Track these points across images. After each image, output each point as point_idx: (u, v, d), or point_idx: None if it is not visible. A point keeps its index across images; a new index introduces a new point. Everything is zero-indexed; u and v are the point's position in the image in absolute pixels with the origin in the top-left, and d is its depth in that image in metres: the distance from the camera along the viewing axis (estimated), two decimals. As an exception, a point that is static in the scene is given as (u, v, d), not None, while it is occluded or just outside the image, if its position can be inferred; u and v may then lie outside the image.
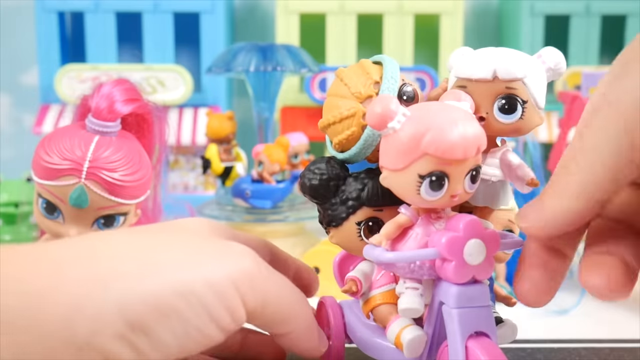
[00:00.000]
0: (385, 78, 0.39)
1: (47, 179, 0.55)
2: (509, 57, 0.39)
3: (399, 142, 0.34)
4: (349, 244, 0.40)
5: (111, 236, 0.33)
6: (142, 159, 0.59)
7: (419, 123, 0.34)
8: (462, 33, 1.09)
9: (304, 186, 0.40)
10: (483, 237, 0.36)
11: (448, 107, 0.36)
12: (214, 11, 1.08)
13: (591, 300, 0.71)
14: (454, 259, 0.35)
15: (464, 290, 0.36)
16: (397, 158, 0.34)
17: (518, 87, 0.38)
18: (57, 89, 1.04)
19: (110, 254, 0.30)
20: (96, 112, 0.57)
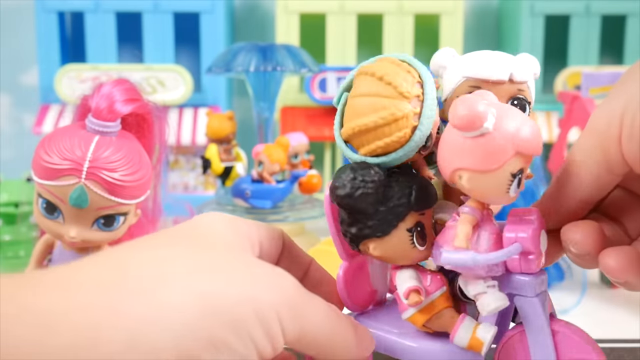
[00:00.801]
0: (426, 78, 0.38)
1: (47, 179, 0.55)
2: (518, 60, 0.40)
3: (493, 143, 0.34)
4: (399, 252, 0.37)
5: (151, 261, 0.30)
6: (142, 159, 0.59)
7: (510, 122, 0.34)
8: (462, 33, 1.09)
9: (350, 196, 0.35)
10: (545, 227, 0.37)
11: (511, 107, 0.36)
12: (214, 11, 1.08)
13: (591, 300, 0.71)
14: (534, 250, 0.36)
15: (537, 278, 0.37)
16: (491, 158, 0.34)
17: (525, 90, 0.39)
18: (57, 89, 1.04)
19: (158, 284, 0.29)
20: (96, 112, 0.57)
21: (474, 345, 0.37)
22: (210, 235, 0.34)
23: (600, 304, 0.71)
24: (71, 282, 0.28)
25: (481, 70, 0.39)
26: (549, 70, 1.14)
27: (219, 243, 0.34)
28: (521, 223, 0.36)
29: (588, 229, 0.36)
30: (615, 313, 0.68)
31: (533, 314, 0.37)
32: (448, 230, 0.37)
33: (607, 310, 0.69)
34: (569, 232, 0.36)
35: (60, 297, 0.27)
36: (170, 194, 1.07)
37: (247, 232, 0.36)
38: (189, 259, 0.31)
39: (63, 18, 1.12)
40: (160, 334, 0.27)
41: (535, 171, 0.78)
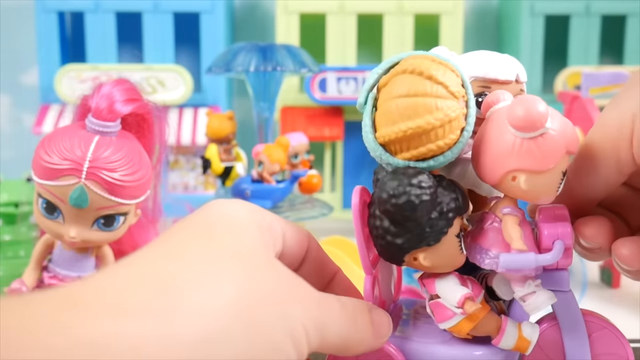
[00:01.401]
0: (466, 76, 0.36)
1: (47, 179, 0.55)
2: (515, 60, 0.40)
3: (552, 142, 0.33)
4: (449, 259, 0.36)
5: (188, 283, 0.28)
6: (142, 159, 0.59)
7: (559, 122, 0.34)
8: (462, 33, 1.09)
9: (411, 205, 0.33)
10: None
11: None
12: (214, 11, 1.08)
13: (591, 300, 0.71)
14: (572, 245, 0.36)
15: (568, 274, 0.38)
16: (548, 158, 0.33)
17: (524, 89, 0.40)
18: (57, 89, 1.04)
19: (202, 308, 0.27)
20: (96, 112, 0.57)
21: (521, 346, 0.37)
22: (235, 233, 0.32)
23: (600, 304, 0.71)
24: (120, 307, 0.26)
25: (490, 70, 0.39)
26: (549, 70, 1.14)
27: (243, 246, 0.32)
28: (557, 219, 0.36)
29: (600, 224, 0.37)
30: (615, 313, 0.68)
31: (568, 308, 0.38)
32: (490, 232, 0.36)
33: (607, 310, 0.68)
34: (582, 227, 0.38)
35: (110, 326, 0.25)
36: (170, 194, 1.07)
37: (271, 226, 0.35)
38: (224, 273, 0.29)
39: (63, 18, 1.12)
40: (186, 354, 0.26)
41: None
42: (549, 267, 0.36)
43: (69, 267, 0.60)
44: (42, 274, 0.61)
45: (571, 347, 0.39)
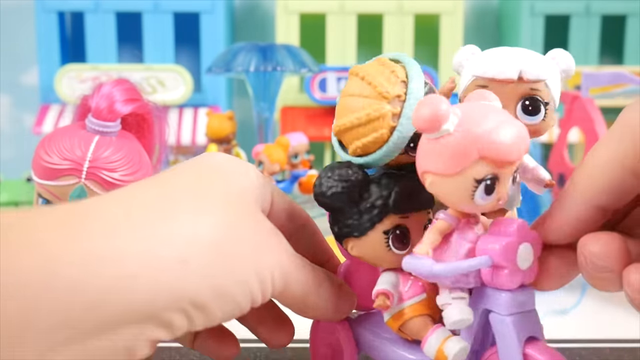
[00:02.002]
0: (412, 78, 0.36)
1: (47, 179, 0.55)
2: (532, 58, 0.39)
3: (453, 145, 0.32)
4: (374, 254, 0.37)
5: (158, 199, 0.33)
6: (142, 159, 0.59)
7: (474, 124, 0.32)
8: (462, 33, 1.10)
9: (323, 195, 0.35)
10: (532, 241, 0.35)
11: (490, 107, 0.35)
12: (214, 11, 1.08)
13: (591, 300, 0.71)
14: (507, 265, 0.34)
15: (515, 296, 0.35)
16: (451, 162, 0.32)
17: (541, 89, 0.38)
18: (57, 89, 1.04)
19: (180, 234, 0.31)
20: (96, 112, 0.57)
21: (439, 358, 0.35)
22: (225, 179, 0.35)
23: (600, 304, 0.71)
24: (109, 226, 0.30)
25: (489, 69, 0.38)
26: (549, 70, 1.14)
27: (231, 191, 0.35)
28: (498, 234, 0.34)
29: (609, 240, 0.32)
30: (615, 313, 0.68)
31: (503, 335, 0.35)
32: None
33: (607, 310, 0.69)
34: (587, 243, 0.32)
35: (100, 242, 0.29)
36: (170, 194, 1.06)
37: (263, 185, 0.37)
38: (201, 205, 0.33)
39: (63, 18, 1.12)
40: (164, 273, 0.29)
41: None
42: (488, 284, 0.35)
43: (69, 267, 0.60)
44: (42, 274, 0.61)
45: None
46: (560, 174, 0.89)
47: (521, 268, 0.34)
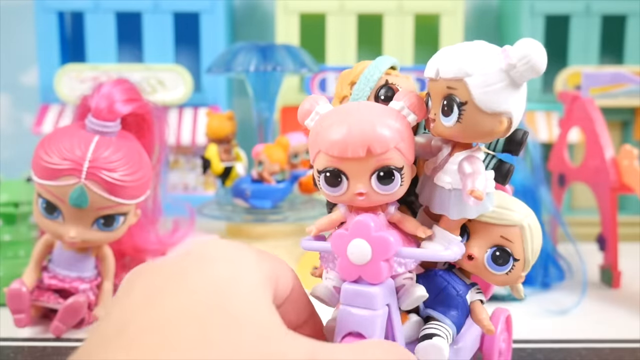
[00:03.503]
0: (359, 80, 0.40)
1: (47, 179, 0.55)
2: (456, 54, 0.36)
3: (308, 138, 0.38)
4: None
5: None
6: (142, 159, 0.59)
7: (320, 122, 0.37)
8: (462, 33, 1.09)
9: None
10: (369, 239, 0.37)
11: (361, 106, 0.37)
12: (214, 11, 1.08)
13: (591, 300, 0.71)
14: (340, 256, 0.37)
15: (351, 289, 0.37)
16: (310, 152, 0.38)
17: (458, 87, 0.36)
18: (57, 89, 1.04)
19: None
20: (96, 112, 0.57)
21: None
22: (234, 325, 0.29)
23: (600, 304, 0.71)
24: None
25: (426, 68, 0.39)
26: (549, 70, 1.13)
27: (242, 341, 0.29)
28: (346, 228, 0.38)
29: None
30: (615, 313, 0.68)
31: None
32: None
33: (607, 310, 0.69)
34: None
35: None
36: (170, 194, 1.07)
37: (270, 276, 0.33)
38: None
39: (63, 18, 1.12)
40: None
41: (536, 171, 0.78)
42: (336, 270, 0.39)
43: (69, 267, 0.60)
44: (42, 274, 0.61)
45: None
46: (560, 174, 0.89)
47: (354, 262, 0.37)
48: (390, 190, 0.37)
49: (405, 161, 0.37)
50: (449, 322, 0.40)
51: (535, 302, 0.70)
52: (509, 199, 0.41)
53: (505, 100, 0.35)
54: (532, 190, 0.77)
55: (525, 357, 0.55)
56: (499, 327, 0.45)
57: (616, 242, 0.78)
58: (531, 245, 0.40)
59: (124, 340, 0.27)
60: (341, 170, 0.36)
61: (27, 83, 1.25)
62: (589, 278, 0.77)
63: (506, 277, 0.40)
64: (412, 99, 0.38)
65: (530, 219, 0.41)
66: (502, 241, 0.40)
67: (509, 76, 0.35)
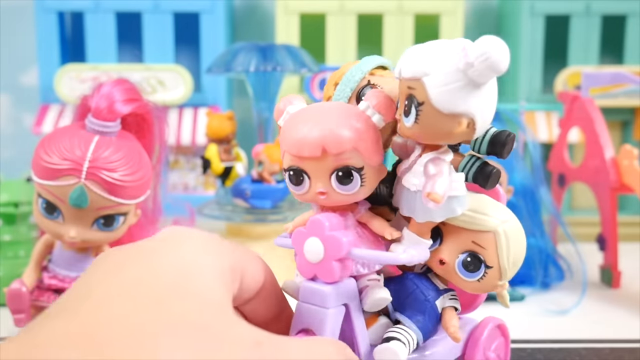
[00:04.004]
0: (341, 80, 0.40)
1: (47, 179, 0.55)
2: (416, 53, 0.35)
3: (279, 137, 0.39)
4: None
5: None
6: (142, 159, 0.59)
7: (287, 121, 0.38)
8: (462, 33, 1.09)
9: None
10: (323, 238, 0.37)
11: (327, 106, 0.38)
12: (214, 11, 1.08)
13: (591, 300, 0.71)
14: (298, 253, 0.38)
15: (307, 286, 0.38)
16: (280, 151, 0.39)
17: (417, 87, 0.35)
18: (57, 89, 1.04)
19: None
20: (96, 112, 0.57)
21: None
22: (189, 300, 0.30)
23: (600, 304, 0.71)
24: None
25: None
26: (549, 70, 1.14)
27: (197, 317, 0.30)
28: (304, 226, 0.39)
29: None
30: (615, 313, 0.68)
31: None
32: None
33: (607, 310, 0.69)
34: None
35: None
36: (170, 194, 1.07)
37: (233, 267, 0.34)
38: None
39: (63, 18, 1.12)
40: None
41: (536, 171, 0.78)
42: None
43: (69, 267, 0.60)
44: (42, 274, 0.61)
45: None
46: (560, 174, 0.89)
47: (309, 260, 0.37)
48: (350, 191, 0.37)
49: (367, 161, 0.37)
50: (414, 327, 0.39)
51: (535, 302, 0.70)
52: (488, 204, 0.39)
53: (464, 101, 0.34)
54: (532, 190, 0.77)
55: (525, 357, 0.55)
56: (484, 335, 0.43)
57: (616, 242, 0.78)
58: (507, 252, 0.38)
59: (82, 308, 0.28)
60: (303, 169, 0.37)
61: (27, 83, 1.25)
62: (589, 278, 0.77)
63: (478, 285, 0.39)
64: (378, 99, 0.38)
65: (508, 225, 0.38)
66: (473, 247, 0.38)
67: (467, 75, 0.33)
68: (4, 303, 0.61)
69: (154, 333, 0.27)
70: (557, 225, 0.86)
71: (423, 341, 0.40)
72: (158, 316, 0.28)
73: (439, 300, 0.40)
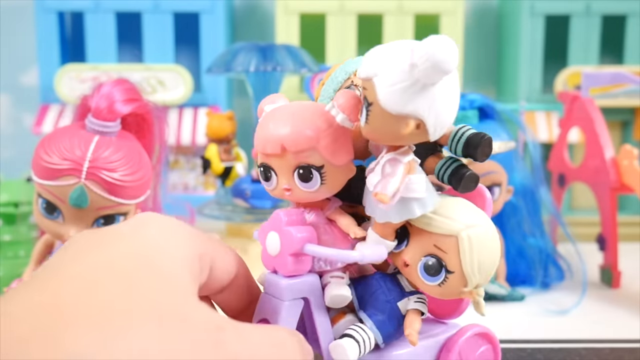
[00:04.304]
0: (327, 81, 0.41)
1: (47, 179, 0.55)
2: (371, 53, 0.35)
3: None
4: None
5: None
6: (142, 159, 0.59)
7: (261, 119, 0.39)
8: (462, 33, 1.09)
9: None
10: (280, 233, 0.38)
11: (295, 106, 0.39)
12: (214, 11, 1.08)
13: (591, 300, 0.71)
14: (262, 246, 0.40)
15: (269, 277, 0.39)
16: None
17: (368, 88, 0.35)
18: (57, 89, 1.04)
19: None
20: (96, 112, 0.57)
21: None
22: (155, 282, 0.31)
23: (600, 304, 0.71)
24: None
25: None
26: (549, 70, 1.14)
27: (168, 286, 0.31)
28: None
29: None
30: (615, 313, 0.68)
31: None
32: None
33: (607, 310, 0.69)
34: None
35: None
36: (170, 194, 1.07)
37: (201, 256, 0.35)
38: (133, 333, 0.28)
39: (63, 18, 1.12)
40: None
41: (536, 171, 0.78)
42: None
43: (69, 267, 0.60)
44: (42, 274, 0.61)
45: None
46: (560, 174, 0.89)
47: (269, 253, 0.39)
48: (311, 188, 0.38)
49: (328, 160, 0.37)
50: (372, 326, 0.39)
51: (535, 302, 0.70)
52: (457, 207, 0.38)
53: (411, 102, 0.33)
54: (532, 190, 0.77)
55: (525, 357, 0.55)
56: (459, 343, 0.42)
57: (616, 242, 0.78)
58: (470, 258, 0.36)
59: (50, 283, 0.29)
60: (270, 166, 0.38)
61: (27, 83, 1.25)
62: (589, 278, 0.77)
63: (439, 289, 0.38)
64: (344, 99, 0.37)
65: (473, 230, 0.37)
66: (435, 250, 0.37)
67: (413, 76, 0.33)
68: (4, 303, 0.61)
69: (120, 310, 0.28)
70: (557, 225, 0.86)
71: (383, 342, 0.39)
72: (123, 295, 0.29)
73: (402, 302, 0.40)
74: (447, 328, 0.43)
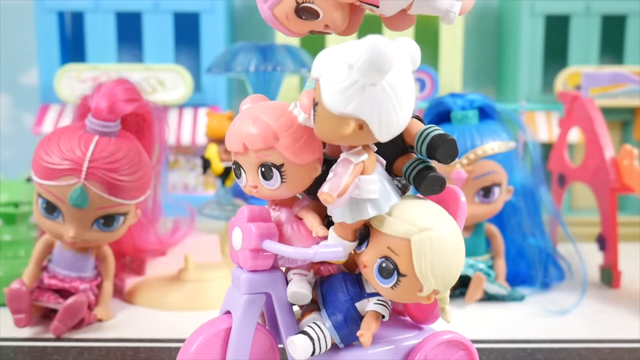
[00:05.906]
0: (308, 81, 0.42)
1: (47, 179, 0.55)
2: (321, 54, 0.35)
3: None
4: None
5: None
6: (142, 159, 0.59)
7: (235, 118, 0.41)
8: (462, 33, 1.09)
9: None
10: (242, 228, 0.40)
11: (261, 106, 0.40)
12: (214, 11, 1.08)
13: (591, 300, 0.71)
14: (230, 239, 0.41)
15: (234, 271, 0.41)
16: None
17: (317, 88, 0.35)
18: (57, 89, 1.05)
19: None
20: (96, 111, 0.57)
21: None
22: None
23: (600, 304, 0.71)
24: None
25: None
26: (549, 70, 1.14)
27: None
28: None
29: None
30: (615, 313, 0.68)
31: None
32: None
33: (607, 311, 0.69)
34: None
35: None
36: (170, 194, 1.07)
37: None
38: None
39: (63, 18, 1.12)
40: None
41: (535, 171, 0.78)
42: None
43: (69, 267, 0.60)
44: (42, 274, 0.61)
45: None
46: (560, 174, 0.89)
47: (234, 247, 0.40)
48: (272, 186, 0.39)
49: (289, 159, 0.38)
50: (329, 324, 0.39)
51: (535, 302, 0.70)
52: (417, 210, 0.37)
53: (351, 102, 0.33)
54: (532, 190, 0.77)
55: (525, 357, 0.55)
56: (424, 351, 0.41)
57: (616, 242, 0.78)
58: (423, 262, 0.36)
59: None
60: (239, 163, 0.40)
61: (27, 83, 1.25)
62: (589, 278, 0.77)
63: (392, 292, 0.37)
64: (306, 99, 0.38)
65: (429, 234, 0.36)
66: (388, 252, 0.37)
67: (352, 76, 0.33)
68: (4, 303, 0.61)
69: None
70: (557, 225, 0.86)
71: (341, 342, 0.40)
72: None
73: (360, 302, 0.40)
74: (418, 334, 0.42)
